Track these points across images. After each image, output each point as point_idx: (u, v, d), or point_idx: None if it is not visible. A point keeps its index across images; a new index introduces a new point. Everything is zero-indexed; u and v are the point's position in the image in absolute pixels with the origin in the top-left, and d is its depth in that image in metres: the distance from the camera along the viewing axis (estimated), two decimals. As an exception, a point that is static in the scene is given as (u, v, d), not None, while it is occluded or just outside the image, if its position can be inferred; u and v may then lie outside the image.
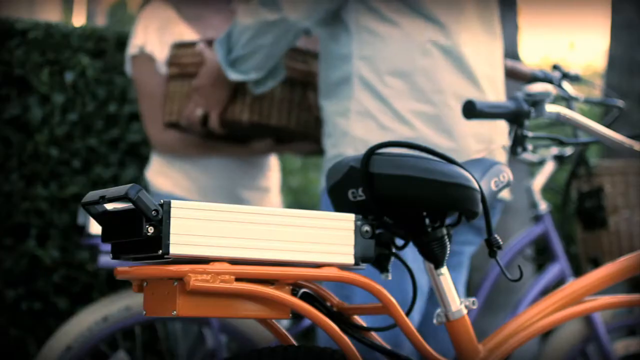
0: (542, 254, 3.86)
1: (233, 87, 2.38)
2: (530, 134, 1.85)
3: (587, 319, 2.72)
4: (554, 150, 2.84)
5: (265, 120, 2.43)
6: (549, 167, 2.84)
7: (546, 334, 3.19)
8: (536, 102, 1.80)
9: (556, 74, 2.61)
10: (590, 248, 2.77)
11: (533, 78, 2.57)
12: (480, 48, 2.18)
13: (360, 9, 2.12)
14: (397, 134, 2.08)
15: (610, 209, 2.72)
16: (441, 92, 2.10)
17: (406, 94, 2.10)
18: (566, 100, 2.55)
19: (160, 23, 2.74)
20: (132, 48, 2.76)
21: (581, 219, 2.78)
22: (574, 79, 2.64)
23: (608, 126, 2.01)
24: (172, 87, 2.56)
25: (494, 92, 2.21)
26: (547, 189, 2.97)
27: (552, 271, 2.77)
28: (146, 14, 2.79)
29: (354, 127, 2.11)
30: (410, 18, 2.11)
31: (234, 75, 2.27)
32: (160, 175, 2.78)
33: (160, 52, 2.71)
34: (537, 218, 2.80)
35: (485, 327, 3.01)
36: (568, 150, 2.83)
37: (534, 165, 3.32)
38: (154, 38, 2.72)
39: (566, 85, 2.58)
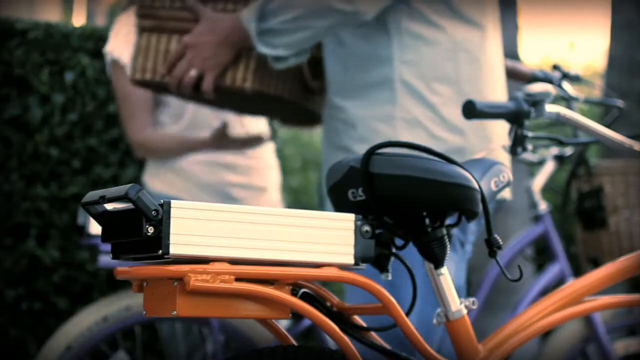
0: (542, 254, 3.86)
1: (237, 51, 2.19)
2: (530, 134, 1.85)
3: (587, 319, 2.72)
4: (554, 150, 2.84)
5: (265, 89, 2.26)
6: (549, 167, 2.84)
7: (546, 334, 3.19)
8: (536, 102, 1.80)
9: (556, 74, 2.61)
10: (590, 248, 2.77)
11: (533, 78, 2.57)
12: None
13: (403, 11, 2.06)
14: (448, 143, 2.04)
15: (610, 209, 2.72)
16: (484, 98, 2.06)
17: (453, 101, 2.05)
18: (566, 100, 2.56)
19: (130, 28, 2.75)
20: (107, 55, 2.79)
21: (581, 219, 2.78)
22: (574, 79, 2.64)
23: (608, 126, 2.00)
24: (145, 41, 2.29)
25: (503, 92, 2.21)
26: (547, 189, 2.97)
27: (552, 271, 2.77)
28: (118, 21, 2.83)
29: (402, 136, 2.04)
30: (452, 22, 2.06)
31: (263, 49, 2.12)
32: (154, 177, 2.79)
33: (128, 55, 2.72)
34: (537, 218, 2.81)
35: (485, 327, 3.01)
36: (568, 150, 2.83)
37: (534, 165, 3.32)
38: (122, 43, 2.75)
39: (566, 85, 2.59)
